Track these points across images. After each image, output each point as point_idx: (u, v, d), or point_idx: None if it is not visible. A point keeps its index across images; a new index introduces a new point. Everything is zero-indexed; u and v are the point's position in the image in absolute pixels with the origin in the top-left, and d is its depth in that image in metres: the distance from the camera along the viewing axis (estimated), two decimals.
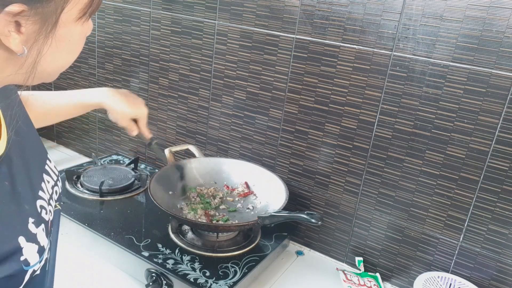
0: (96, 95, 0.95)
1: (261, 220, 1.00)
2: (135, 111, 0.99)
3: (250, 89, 1.21)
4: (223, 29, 1.21)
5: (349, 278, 1.07)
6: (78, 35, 0.50)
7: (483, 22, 0.88)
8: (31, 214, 0.51)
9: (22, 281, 0.49)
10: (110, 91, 0.96)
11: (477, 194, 0.96)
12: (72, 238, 1.12)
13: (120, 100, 0.96)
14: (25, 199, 0.51)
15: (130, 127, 1.00)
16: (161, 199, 1.09)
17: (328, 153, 1.13)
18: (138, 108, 1.00)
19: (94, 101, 0.95)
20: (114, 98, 0.95)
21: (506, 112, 0.89)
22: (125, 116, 0.98)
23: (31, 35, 0.44)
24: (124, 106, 0.96)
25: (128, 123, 0.99)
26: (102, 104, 0.95)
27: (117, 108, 0.96)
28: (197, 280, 0.94)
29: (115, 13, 1.42)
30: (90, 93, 0.96)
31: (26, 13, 0.42)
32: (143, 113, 1.01)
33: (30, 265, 0.49)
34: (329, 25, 1.05)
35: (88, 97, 0.95)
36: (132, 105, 0.98)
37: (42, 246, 0.51)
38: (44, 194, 0.56)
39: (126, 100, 0.97)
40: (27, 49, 0.45)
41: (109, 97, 0.95)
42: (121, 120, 0.98)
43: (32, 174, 0.56)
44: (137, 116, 1.00)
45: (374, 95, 1.03)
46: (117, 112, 0.96)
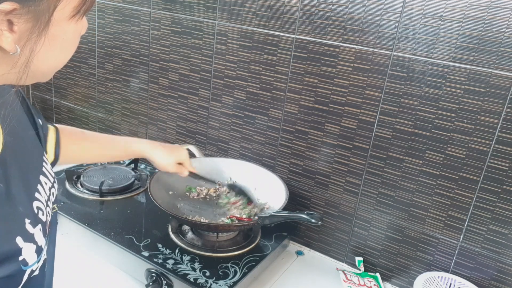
0: (139, 146, 1.03)
1: (261, 220, 1.00)
2: (177, 157, 1.07)
3: (250, 89, 1.21)
4: (223, 29, 1.21)
5: (349, 278, 1.07)
6: (72, 34, 0.50)
7: (483, 22, 0.88)
8: (27, 215, 0.51)
9: (20, 281, 0.49)
10: (152, 144, 1.04)
11: (477, 194, 0.96)
12: (72, 238, 1.12)
13: (162, 151, 1.04)
14: (20, 201, 0.50)
15: (179, 171, 1.08)
16: (161, 199, 1.09)
17: (328, 153, 1.13)
18: (179, 154, 1.07)
19: (140, 151, 1.03)
20: (156, 150, 1.03)
21: (506, 112, 0.89)
22: (170, 164, 1.05)
23: (24, 34, 0.44)
24: (167, 155, 1.04)
25: (176, 168, 1.07)
26: (146, 156, 1.03)
27: (161, 158, 1.03)
28: (197, 280, 0.94)
29: (115, 13, 1.42)
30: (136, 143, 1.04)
31: (18, 12, 0.42)
32: (185, 156, 1.09)
33: (29, 265, 0.49)
34: (329, 25, 1.05)
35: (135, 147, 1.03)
36: (172, 152, 1.06)
37: (39, 246, 0.51)
38: (41, 196, 0.56)
39: (166, 149, 1.05)
40: (19, 48, 0.44)
41: (152, 150, 1.03)
42: (169, 167, 1.05)
43: (29, 176, 0.55)
44: (181, 160, 1.08)
45: (374, 95, 1.03)
46: (163, 162, 1.04)
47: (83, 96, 1.62)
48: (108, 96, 1.55)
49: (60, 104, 1.72)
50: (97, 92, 1.57)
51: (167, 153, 1.04)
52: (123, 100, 1.51)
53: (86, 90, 1.60)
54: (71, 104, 1.68)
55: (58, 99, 1.72)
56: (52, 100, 1.74)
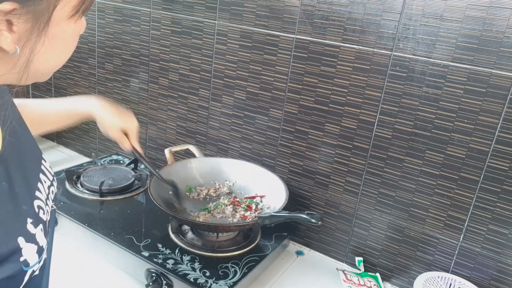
0: (84, 104, 0.93)
1: (261, 220, 1.00)
2: (125, 122, 0.97)
3: (250, 89, 1.21)
4: (223, 29, 1.21)
5: (349, 278, 1.07)
6: (71, 33, 0.50)
7: (483, 22, 0.88)
8: (29, 214, 0.50)
9: (21, 282, 0.48)
10: (99, 101, 0.94)
11: (477, 194, 0.96)
12: (72, 238, 1.12)
13: (109, 111, 0.94)
14: (23, 199, 0.50)
15: (121, 140, 0.98)
16: (161, 199, 1.09)
17: (328, 153, 1.13)
18: (128, 121, 0.98)
19: (81, 110, 0.92)
20: (103, 109, 0.93)
21: (506, 112, 0.89)
22: (114, 127, 0.95)
23: (23, 34, 0.44)
24: (114, 117, 0.94)
25: (118, 135, 0.97)
26: (90, 113, 0.93)
27: (106, 118, 0.93)
28: (197, 280, 0.94)
29: (115, 13, 1.42)
30: (78, 101, 0.93)
31: (17, 12, 0.41)
32: (133, 125, 0.99)
33: (30, 265, 0.49)
34: (329, 25, 1.05)
35: (75, 105, 0.92)
36: (122, 116, 0.96)
37: (41, 246, 0.51)
38: (41, 194, 0.56)
39: (115, 111, 0.95)
40: (19, 48, 0.44)
41: (98, 107, 0.93)
42: (111, 131, 0.96)
43: (29, 175, 0.55)
44: (127, 128, 0.98)
45: (374, 95, 1.03)
46: (107, 123, 0.94)
47: None
48: (108, 96, 1.55)
49: None
50: (97, 92, 1.57)
51: (114, 114, 0.94)
52: (123, 100, 1.51)
53: (86, 90, 1.60)
54: None
55: None
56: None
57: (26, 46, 0.45)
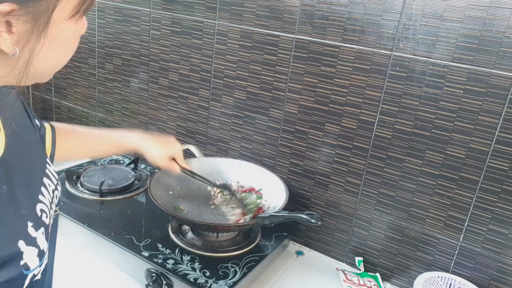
0: (133, 139, 0.98)
1: (261, 220, 1.00)
2: (170, 150, 1.02)
3: (250, 89, 1.21)
4: (223, 29, 1.21)
5: (349, 278, 1.07)
6: (71, 34, 0.49)
7: (483, 22, 0.88)
8: (30, 218, 0.50)
9: (22, 286, 0.48)
10: (144, 136, 0.99)
11: (477, 194, 0.96)
12: (72, 238, 1.12)
13: (154, 144, 0.99)
14: (23, 203, 0.50)
15: (171, 167, 1.03)
16: (161, 199, 1.09)
17: (328, 153, 1.13)
18: (172, 147, 1.02)
19: (131, 145, 0.98)
20: (148, 143, 0.98)
21: (506, 112, 0.89)
22: (162, 157, 1.00)
23: (23, 35, 0.43)
24: (159, 148, 0.99)
25: (167, 163, 1.02)
26: (138, 148, 0.98)
27: (153, 151, 0.98)
28: (197, 280, 0.94)
29: (115, 13, 1.42)
30: (127, 136, 0.99)
31: (17, 13, 0.41)
32: (178, 149, 1.04)
33: (30, 269, 0.48)
34: (329, 25, 1.05)
35: (126, 140, 0.98)
36: (166, 145, 1.01)
37: (42, 250, 0.50)
38: (45, 198, 0.55)
39: (159, 141, 1.00)
40: (19, 50, 0.43)
41: (144, 141, 0.98)
42: (160, 161, 1.00)
43: (32, 178, 0.55)
44: (174, 154, 1.03)
45: (374, 95, 1.03)
46: (154, 155, 0.99)
47: (83, 96, 1.62)
48: (108, 96, 1.55)
49: (60, 104, 1.72)
50: (97, 92, 1.57)
51: (159, 146, 1.00)
52: (123, 100, 1.51)
53: (86, 90, 1.60)
54: (71, 104, 1.68)
55: (58, 99, 1.72)
56: (52, 100, 1.74)
57: (25, 47, 0.44)
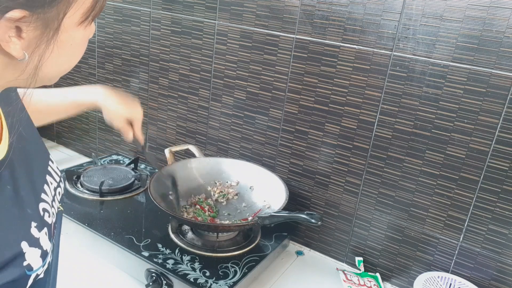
0: (91, 94, 0.92)
1: (261, 220, 1.00)
2: (130, 111, 0.96)
3: (250, 89, 1.21)
4: (223, 29, 1.21)
5: (349, 278, 1.07)
6: (80, 39, 0.49)
7: (483, 22, 0.88)
8: (34, 218, 0.50)
9: (25, 286, 0.48)
10: (106, 90, 0.93)
11: (477, 194, 0.96)
12: (72, 238, 1.12)
13: (115, 100, 0.93)
14: (28, 203, 0.50)
15: (125, 129, 0.97)
16: (161, 199, 1.09)
17: (328, 153, 1.13)
18: (133, 109, 0.97)
19: (88, 100, 0.92)
20: (109, 98, 0.93)
21: (506, 112, 0.89)
22: (119, 116, 0.95)
23: (32, 41, 0.43)
24: (119, 106, 0.94)
25: (123, 124, 0.96)
26: (96, 103, 0.92)
27: (111, 108, 0.93)
28: (197, 280, 0.94)
29: (115, 13, 1.42)
30: (84, 91, 0.93)
31: (27, 19, 0.41)
32: (138, 114, 0.98)
33: (33, 269, 0.48)
34: (329, 25, 1.05)
35: (82, 95, 0.92)
36: (127, 105, 0.96)
37: (45, 250, 0.50)
38: (47, 197, 0.55)
39: (121, 100, 0.94)
40: (28, 55, 0.44)
41: (104, 96, 0.92)
42: (116, 120, 0.95)
43: (35, 177, 0.55)
44: (132, 117, 0.97)
45: (374, 95, 1.03)
46: (112, 112, 0.94)
47: None
48: None
49: None
50: None
51: (120, 105, 0.94)
52: None
53: None
54: None
55: None
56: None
57: (35, 52, 0.44)
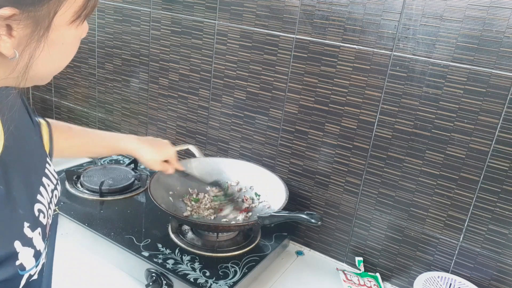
0: (128, 143, 1.00)
1: (261, 220, 1.00)
2: (164, 154, 1.04)
3: (250, 89, 1.21)
4: (223, 29, 1.21)
5: (349, 278, 1.07)
6: (71, 38, 0.49)
7: (483, 22, 0.88)
8: (26, 218, 0.50)
9: (18, 286, 0.48)
10: (138, 140, 1.01)
11: (477, 194, 0.96)
12: (72, 238, 1.12)
13: (148, 148, 1.01)
14: (20, 204, 0.50)
15: (164, 169, 1.05)
16: (161, 199, 1.09)
17: (328, 153, 1.13)
18: (165, 151, 1.05)
19: (125, 148, 1.00)
20: (142, 148, 1.00)
21: (506, 112, 0.89)
22: (156, 162, 1.03)
23: (23, 39, 0.43)
24: (153, 152, 1.02)
25: (161, 166, 1.04)
26: (132, 153, 1.01)
27: (147, 156, 1.01)
28: (197, 280, 0.94)
29: (115, 13, 1.42)
30: (119, 140, 1.01)
31: (17, 17, 0.41)
32: (171, 154, 1.06)
33: (26, 269, 0.48)
34: (329, 25, 1.05)
35: (121, 143, 1.00)
36: (159, 150, 1.03)
37: (38, 250, 0.50)
38: (43, 198, 0.55)
39: (153, 147, 1.02)
40: (18, 53, 0.44)
41: (138, 147, 1.00)
42: (154, 166, 1.03)
43: (31, 178, 0.55)
44: (167, 158, 1.05)
45: (374, 95, 1.03)
46: (148, 160, 1.02)
47: (83, 96, 1.62)
48: (108, 96, 1.55)
49: (60, 104, 1.72)
50: (97, 92, 1.57)
51: (154, 150, 1.02)
52: (123, 100, 1.51)
53: (86, 90, 1.60)
54: (71, 104, 1.68)
55: (58, 99, 1.72)
56: (52, 100, 1.74)
57: (25, 51, 0.44)
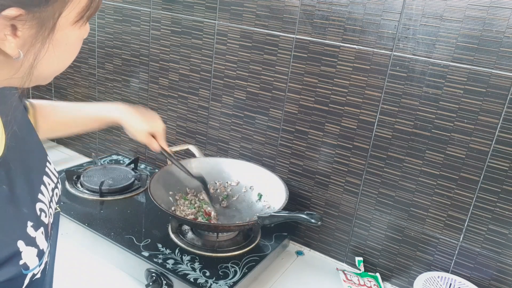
0: (113, 111, 0.96)
1: (261, 220, 1.00)
2: (151, 125, 1.00)
3: (250, 89, 1.21)
4: (223, 29, 1.21)
5: (349, 278, 1.07)
6: (75, 39, 0.50)
7: (483, 22, 0.88)
8: (30, 217, 0.50)
9: (21, 285, 0.48)
10: (126, 107, 0.97)
11: (477, 194, 0.96)
12: (72, 238, 1.12)
13: (136, 117, 0.97)
14: (24, 202, 0.50)
15: (149, 143, 1.01)
16: (161, 199, 1.09)
17: (328, 153, 1.13)
18: (154, 124, 1.01)
19: (111, 116, 0.96)
20: (130, 115, 0.97)
21: (506, 112, 0.89)
22: (142, 131, 0.99)
23: (28, 39, 0.44)
24: (140, 122, 0.98)
25: (147, 138, 1.00)
26: (118, 120, 0.96)
27: (133, 124, 0.97)
28: (197, 280, 0.94)
29: (115, 13, 1.42)
30: (107, 108, 0.97)
31: (23, 17, 0.42)
32: (159, 127, 1.02)
33: (30, 269, 0.49)
34: (329, 25, 1.05)
35: (105, 112, 0.96)
36: (148, 120, 1.00)
37: (41, 250, 0.51)
38: (44, 197, 0.56)
39: (141, 116, 0.98)
40: (23, 53, 0.44)
41: (125, 113, 0.96)
42: (139, 136, 0.99)
43: (32, 177, 0.55)
44: (154, 130, 1.01)
45: (374, 95, 1.03)
46: (134, 128, 0.98)
47: (83, 96, 1.62)
48: (108, 96, 1.55)
49: None
50: (97, 92, 1.57)
51: (141, 120, 0.98)
52: (123, 100, 1.51)
53: (86, 90, 1.60)
54: None
55: (58, 99, 1.72)
56: (52, 100, 1.74)
57: (30, 51, 0.45)
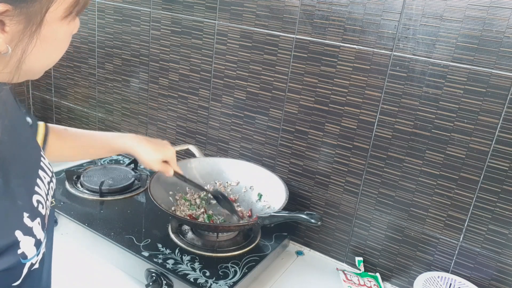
0: (124, 142, 0.99)
1: (261, 220, 1.00)
2: (163, 154, 1.02)
3: (250, 89, 1.21)
4: (223, 29, 1.21)
5: (349, 278, 1.07)
6: (63, 34, 0.50)
7: (483, 22, 0.88)
8: (26, 209, 0.51)
9: (20, 275, 0.50)
10: (137, 139, 1.00)
11: (477, 194, 0.96)
12: (72, 238, 1.12)
13: (148, 147, 0.99)
14: (19, 195, 0.51)
15: (165, 170, 1.03)
16: (161, 199, 1.09)
17: (328, 153, 1.13)
18: (165, 151, 1.03)
19: (121, 147, 0.99)
20: (143, 146, 0.99)
21: (506, 112, 0.89)
22: (156, 161, 1.01)
23: (16, 35, 0.44)
24: (153, 151, 1.00)
25: (160, 166, 1.02)
26: (131, 152, 0.99)
27: (146, 155, 0.99)
28: (197, 280, 0.94)
29: (115, 13, 1.42)
30: (117, 139, 1.00)
31: (10, 13, 0.42)
32: (171, 154, 1.04)
33: (28, 258, 0.50)
34: (329, 25, 1.05)
35: (119, 144, 0.99)
36: (159, 149, 1.02)
37: (38, 239, 0.52)
38: (41, 190, 0.57)
39: (153, 145, 1.01)
40: (11, 48, 0.45)
41: (137, 145, 0.99)
42: (153, 165, 1.01)
43: (28, 171, 0.57)
44: (166, 158, 1.03)
45: (374, 95, 1.03)
46: (148, 159, 1.00)
47: (83, 96, 1.62)
48: (108, 96, 1.55)
49: (60, 104, 1.72)
50: (97, 92, 1.57)
51: (153, 149, 1.00)
52: (123, 100, 1.51)
53: (86, 90, 1.60)
54: (71, 104, 1.68)
55: (58, 99, 1.72)
56: (52, 100, 1.74)
57: (18, 46, 0.45)
